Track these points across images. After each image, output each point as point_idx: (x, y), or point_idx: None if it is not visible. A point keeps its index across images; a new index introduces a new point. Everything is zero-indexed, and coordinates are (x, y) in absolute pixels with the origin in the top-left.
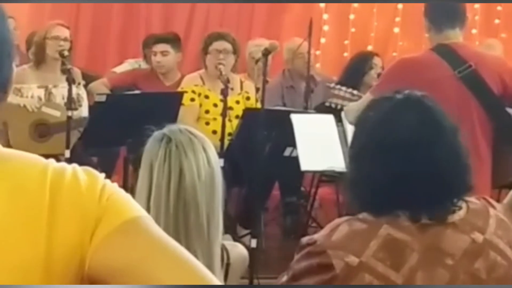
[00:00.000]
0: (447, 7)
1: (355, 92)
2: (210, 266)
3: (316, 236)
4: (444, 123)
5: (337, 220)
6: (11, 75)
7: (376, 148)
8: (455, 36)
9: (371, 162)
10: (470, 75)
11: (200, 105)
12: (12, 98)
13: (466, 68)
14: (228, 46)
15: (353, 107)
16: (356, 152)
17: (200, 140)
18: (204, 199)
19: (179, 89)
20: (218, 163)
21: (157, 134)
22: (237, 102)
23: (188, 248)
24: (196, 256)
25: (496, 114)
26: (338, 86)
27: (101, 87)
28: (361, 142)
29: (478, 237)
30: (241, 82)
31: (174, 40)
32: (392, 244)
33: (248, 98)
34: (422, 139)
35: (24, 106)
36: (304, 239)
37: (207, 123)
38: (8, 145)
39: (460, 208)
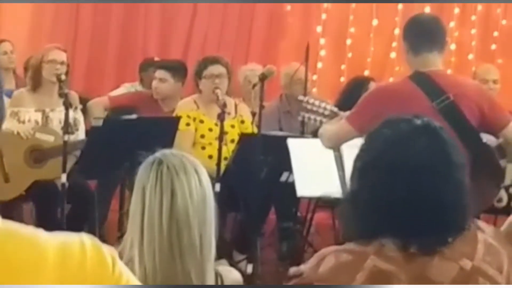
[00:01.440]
0: (425, 28)
1: (328, 106)
2: (203, 285)
3: (302, 268)
4: (454, 158)
5: (324, 251)
6: (3, 106)
7: (383, 166)
8: (434, 62)
9: (375, 179)
10: (448, 106)
11: (196, 130)
12: (9, 122)
13: (444, 99)
14: (223, 70)
15: (329, 132)
16: (362, 165)
17: (191, 163)
18: (196, 220)
19: (174, 114)
20: (210, 186)
21: (149, 158)
22: (232, 126)
23: (183, 268)
24: (190, 276)
25: (473, 145)
26: (312, 100)
27: (99, 107)
28: (369, 157)
29: (467, 264)
30: (236, 106)
31: (176, 69)
32: (379, 275)
33: (242, 122)
34: (429, 170)
35: (18, 133)
36: (291, 270)
37: (203, 148)
38: (4, 172)
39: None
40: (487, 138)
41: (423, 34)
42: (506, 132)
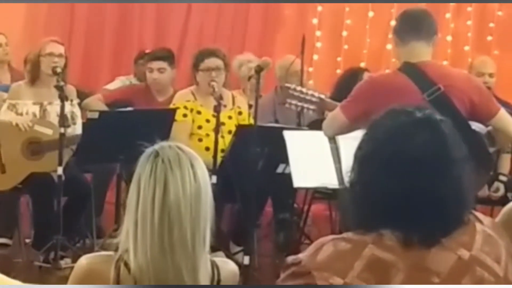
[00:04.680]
0: (412, 19)
1: (316, 94)
2: (195, 280)
3: (301, 256)
4: (453, 152)
5: (322, 240)
6: None
7: (383, 157)
8: (422, 52)
9: (375, 169)
10: (438, 97)
11: (193, 121)
12: (7, 114)
13: (435, 91)
14: (220, 63)
15: (327, 120)
16: (362, 155)
17: (188, 156)
18: (188, 214)
19: (171, 105)
20: (206, 179)
21: (148, 149)
22: (229, 117)
23: (173, 262)
24: (180, 270)
25: (464, 136)
26: (299, 88)
27: (96, 103)
28: (370, 147)
29: (465, 254)
30: (233, 97)
31: (169, 57)
32: (377, 264)
33: (240, 113)
34: (428, 163)
35: (17, 124)
36: (289, 258)
37: (200, 140)
38: (1, 163)
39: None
40: (476, 125)
41: (410, 24)
42: (495, 121)
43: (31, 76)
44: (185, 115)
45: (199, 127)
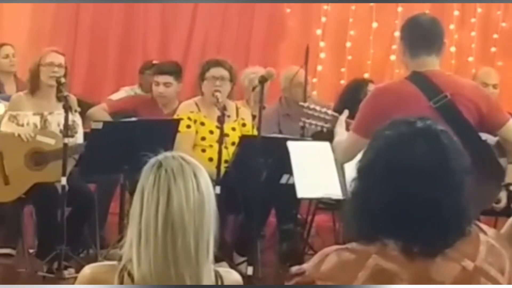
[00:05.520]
0: (424, 31)
1: (329, 112)
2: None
3: (305, 266)
4: (453, 163)
5: (326, 250)
6: None
7: (382, 167)
8: (431, 64)
9: (374, 180)
10: (445, 105)
11: (196, 132)
12: (8, 126)
13: (441, 98)
14: (225, 73)
15: (341, 147)
16: (362, 166)
17: (191, 167)
18: (192, 224)
19: (175, 116)
20: (210, 190)
21: (151, 160)
22: (233, 129)
23: (177, 272)
24: (184, 280)
25: (471, 144)
26: (312, 106)
27: (100, 112)
28: (370, 158)
29: (469, 264)
30: (237, 109)
31: (176, 71)
32: (381, 274)
33: (244, 125)
34: (427, 174)
35: (19, 135)
36: (294, 269)
37: (203, 150)
38: (3, 174)
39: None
40: (486, 136)
41: (422, 38)
42: (504, 131)
43: (32, 86)
44: (188, 126)
45: (203, 138)
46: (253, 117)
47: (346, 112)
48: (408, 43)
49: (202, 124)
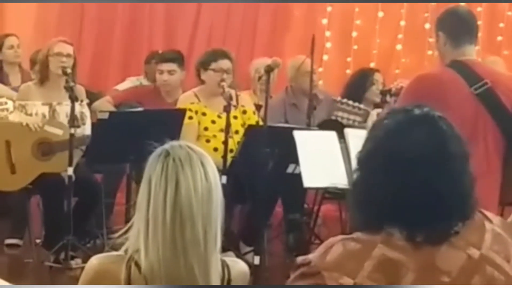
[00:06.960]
0: (466, 22)
1: (361, 106)
2: (206, 279)
3: (310, 256)
4: (453, 148)
5: (332, 240)
6: None
7: (381, 156)
8: (470, 52)
9: (374, 169)
10: (485, 92)
11: (199, 123)
12: (16, 115)
13: (482, 85)
14: (230, 65)
15: None
16: (363, 157)
17: (198, 155)
18: (200, 213)
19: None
20: (217, 178)
21: (158, 149)
22: (235, 117)
23: (186, 261)
24: (193, 269)
25: (510, 132)
26: (345, 100)
27: (105, 105)
28: (369, 148)
29: (474, 253)
30: (237, 96)
31: (179, 59)
32: (387, 264)
33: (244, 112)
34: (426, 160)
35: (27, 125)
36: (299, 259)
37: (208, 141)
38: (11, 163)
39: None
40: None
41: (464, 28)
42: None
43: (41, 76)
44: (190, 117)
45: (205, 129)
46: (260, 106)
47: (378, 110)
48: (450, 33)
49: (204, 114)
